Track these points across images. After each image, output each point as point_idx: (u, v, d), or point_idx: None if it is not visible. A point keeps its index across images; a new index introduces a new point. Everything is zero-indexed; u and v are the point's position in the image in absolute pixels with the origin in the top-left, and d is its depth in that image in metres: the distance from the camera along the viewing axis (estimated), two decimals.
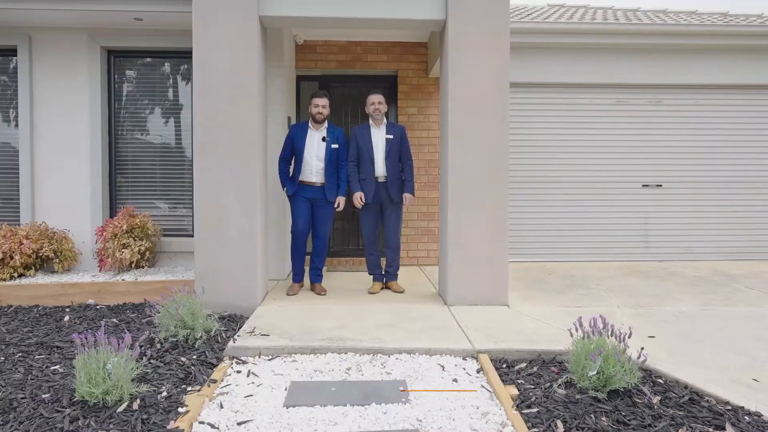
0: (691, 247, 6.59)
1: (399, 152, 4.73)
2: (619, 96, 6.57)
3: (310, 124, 4.60)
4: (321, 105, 4.53)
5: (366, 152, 4.66)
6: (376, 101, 4.69)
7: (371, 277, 4.97)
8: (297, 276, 4.73)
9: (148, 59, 5.53)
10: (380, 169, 4.68)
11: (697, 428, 2.22)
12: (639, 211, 6.61)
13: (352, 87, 6.35)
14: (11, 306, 4.45)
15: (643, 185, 6.61)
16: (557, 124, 6.55)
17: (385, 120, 4.77)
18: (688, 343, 3.39)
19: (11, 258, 4.64)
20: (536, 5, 8.87)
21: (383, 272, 4.87)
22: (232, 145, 4.13)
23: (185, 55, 5.41)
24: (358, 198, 4.63)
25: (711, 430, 2.21)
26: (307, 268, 5.23)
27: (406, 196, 4.69)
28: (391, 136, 4.69)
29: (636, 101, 6.58)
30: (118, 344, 2.47)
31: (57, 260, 4.89)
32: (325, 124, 4.61)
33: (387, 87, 6.26)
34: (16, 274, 4.72)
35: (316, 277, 4.72)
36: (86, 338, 2.45)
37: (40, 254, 4.80)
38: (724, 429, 2.20)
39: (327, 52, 6.23)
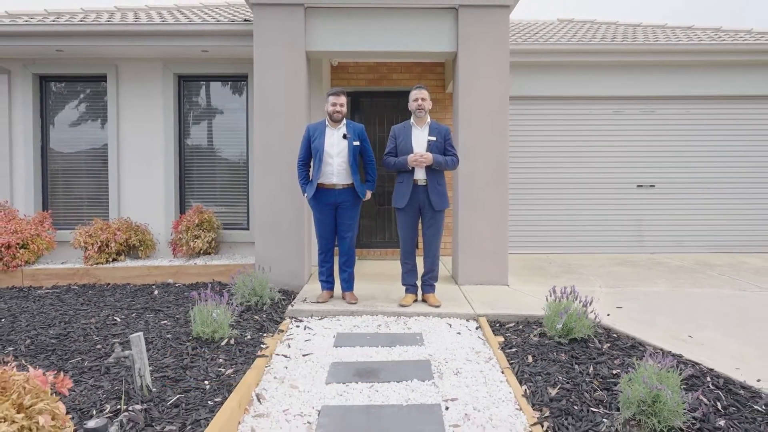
0: (681, 240, 7.37)
1: (443, 155, 4.32)
2: (616, 106, 7.40)
3: (327, 123, 4.33)
4: (339, 104, 4.25)
5: (405, 154, 4.27)
6: (419, 97, 4.27)
7: (404, 288, 4.56)
8: (327, 283, 4.52)
9: (211, 82, 6.64)
10: (419, 172, 4.26)
11: (628, 360, 3.13)
12: (634, 209, 7.42)
13: (379, 101, 7.34)
14: (108, 284, 5.58)
15: (638, 185, 7.42)
16: (562, 132, 7.41)
17: (428, 120, 4.36)
18: (648, 312, 4.27)
19: (107, 246, 5.79)
20: (547, 20, 9.74)
21: (419, 283, 4.52)
22: (283, 156, 5.16)
23: (241, 78, 6.50)
24: (418, 156, 4.18)
25: (636, 360, 3.11)
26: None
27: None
28: (434, 138, 4.28)
29: (631, 111, 7.40)
30: (219, 300, 3.51)
31: (141, 248, 6.02)
32: (344, 122, 4.34)
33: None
34: (110, 259, 5.87)
35: (347, 285, 4.51)
36: (199, 295, 3.50)
37: (129, 243, 5.94)
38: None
39: (357, 72, 7.23)
